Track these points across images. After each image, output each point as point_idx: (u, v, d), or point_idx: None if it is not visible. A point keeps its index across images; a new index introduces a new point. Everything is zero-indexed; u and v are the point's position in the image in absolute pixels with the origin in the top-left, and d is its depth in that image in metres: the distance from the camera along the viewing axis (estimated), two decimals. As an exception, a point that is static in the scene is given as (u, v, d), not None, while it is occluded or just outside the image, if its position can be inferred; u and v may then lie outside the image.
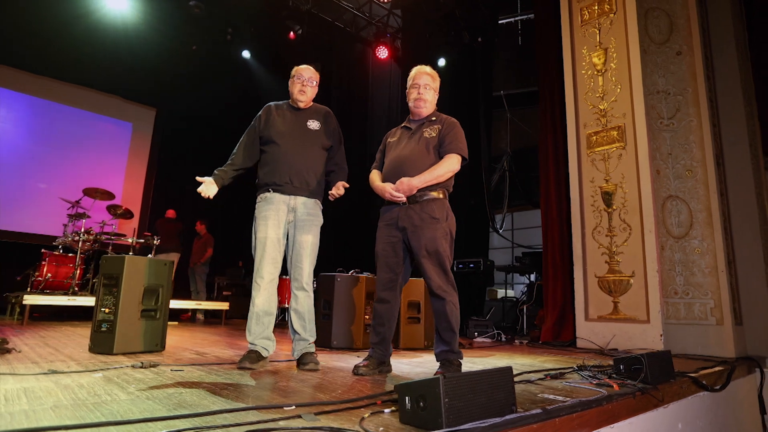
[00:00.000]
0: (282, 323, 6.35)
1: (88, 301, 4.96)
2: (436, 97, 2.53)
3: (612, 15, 4.81)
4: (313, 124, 2.70)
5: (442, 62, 7.89)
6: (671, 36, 4.73)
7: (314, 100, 2.87)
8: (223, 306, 6.70)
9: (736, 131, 4.70)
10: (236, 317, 7.61)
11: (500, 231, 8.96)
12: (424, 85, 2.48)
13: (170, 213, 7.59)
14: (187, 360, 2.60)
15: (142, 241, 5.90)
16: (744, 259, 4.42)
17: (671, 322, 4.16)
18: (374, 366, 2.30)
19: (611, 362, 2.87)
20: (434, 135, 2.40)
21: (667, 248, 4.35)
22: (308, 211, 2.61)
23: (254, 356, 2.42)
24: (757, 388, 3.83)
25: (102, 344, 2.67)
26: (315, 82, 2.76)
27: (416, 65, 2.55)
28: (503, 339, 5.34)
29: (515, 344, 4.92)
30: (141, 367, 2.18)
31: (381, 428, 1.26)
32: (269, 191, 2.58)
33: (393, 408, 1.46)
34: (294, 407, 1.45)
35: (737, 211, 4.52)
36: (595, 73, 4.87)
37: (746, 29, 5.20)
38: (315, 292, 2.90)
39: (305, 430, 1.21)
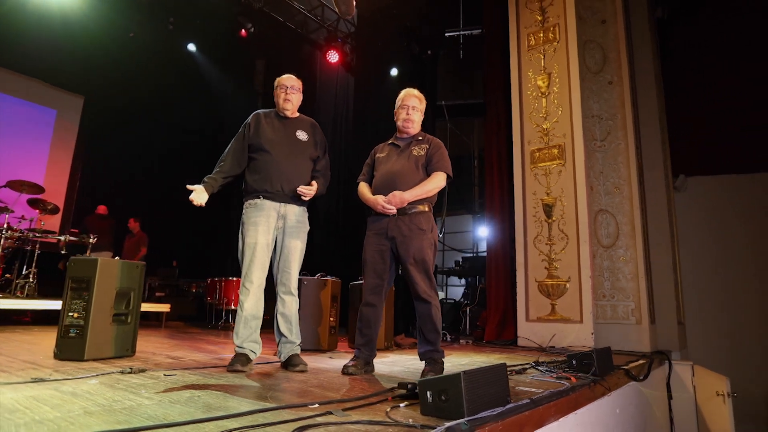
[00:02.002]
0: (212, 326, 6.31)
1: (13, 303, 4.66)
2: (422, 118, 2.78)
3: (555, 43, 5.31)
4: (302, 135, 2.80)
5: (394, 72, 8.17)
6: (604, 67, 5.33)
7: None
8: (164, 308, 6.50)
9: (654, 155, 5.39)
10: (176, 319, 7.36)
11: (440, 236, 9.42)
12: (412, 107, 2.72)
13: (101, 209, 7.19)
14: (168, 365, 2.60)
15: (76, 239, 5.58)
16: (658, 266, 5.10)
17: (600, 322, 4.72)
18: (361, 366, 2.49)
19: (558, 358, 3.28)
20: (422, 153, 2.64)
21: (598, 256, 4.91)
22: (297, 219, 2.72)
23: (244, 359, 2.50)
24: (666, 378, 4.45)
25: (70, 350, 2.58)
26: (298, 90, 2.86)
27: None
28: (448, 339, 5.69)
29: (461, 343, 5.28)
30: (131, 373, 2.17)
31: (410, 419, 1.46)
32: (259, 198, 2.65)
33: (407, 402, 1.65)
34: (317, 405, 1.60)
35: (654, 225, 5.20)
36: (540, 94, 5.35)
37: (661, 67, 5.95)
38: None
39: (352, 423, 1.38)
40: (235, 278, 6.32)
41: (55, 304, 5.08)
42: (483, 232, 8.98)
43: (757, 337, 5.55)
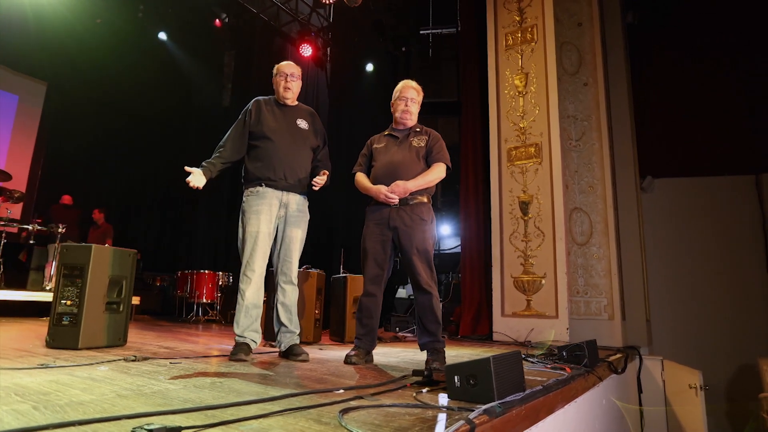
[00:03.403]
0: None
1: None
2: (419, 110, 2.74)
3: (533, 44, 5.38)
4: (302, 123, 2.76)
5: (370, 68, 8.11)
6: (580, 68, 5.44)
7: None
8: (134, 300, 6.25)
9: (626, 156, 5.55)
10: (140, 313, 7.06)
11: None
12: (411, 99, 2.69)
13: (66, 199, 6.86)
14: (167, 354, 2.54)
15: (44, 229, 5.28)
16: (628, 264, 5.25)
17: (574, 318, 4.80)
18: (363, 355, 2.45)
19: (539, 352, 3.30)
20: (422, 145, 2.62)
21: (572, 253, 5.00)
22: (299, 208, 2.68)
23: (246, 348, 2.46)
24: (636, 372, 4.58)
25: (64, 338, 2.50)
26: (298, 77, 2.80)
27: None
28: (423, 334, 5.68)
29: (437, 339, 5.27)
30: (135, 360, 2.10)
31: (443, 404, 1.42)
32: (261, 185, 2.59)
33: (428, 388, 1.63)
34: (342, 391, 1.55)
35: (625, 224, 5.35)
36: (517, 94, 5.41)
37: (631, 70, 6.15)
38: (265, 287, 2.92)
39: (389, 407, 1.36)
40: (206, 271, 6.15)
41: (33, 295, 5.07)
42: (446, 230, 9.02)
43: (721, 334, 5.80)
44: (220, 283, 6.31)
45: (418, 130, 2.71)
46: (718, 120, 6.12)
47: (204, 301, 6.02)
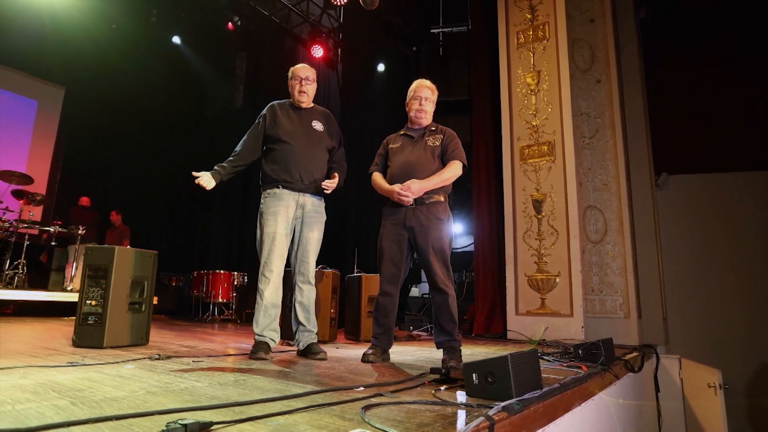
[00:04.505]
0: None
1: (8, 294, 4.51)
2: (434, 109, 2.76)
3: (545, 42, 5.37)
4: (318, 125, 2.80)
5: (381, 68, 8.14)
6: (593, 65, 5.42)
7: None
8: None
9: (640, 153, 5.51)
10: (157, 313, 7.20)
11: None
12: (425, 98, 2.70)
13: (84, 200, 6.99)
14: (188, 353, 2.61)
15: (65, 230, 5.40)
16: (644, 262, 5.21)
17: (589, 316, 4.79)
18: (379, 354, 2.49)
19: (554, 350, 3.30)
20: (438, 144, 2.63)
21: (587, 251, 4.99)
22: (315, 209, 2.73)
23: (265, 347, 2.51)
24: (653, 370, 4.55)
25: (90, 338, 2.59)
26: (313, 80, 2.84)
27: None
28: (437, 333, 5.70)
29: (451, 337, 5.28)
30: (159, 359, 2.16)
31: (462, 401, 1.45)
32: (278, 187, 2.64)
33: (446, 386, 1.65)
34: (362, 388, 1.59)
35: (640, 221, 5.31)
36: (529, 92, 5.40)
37: (644, 66, 6.09)
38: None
39: (410, 403, 1.39)
40: (222, 271, 6.24)
41: (54, 296, 5.20)
42: (458, 229, 9.02)
43: (738, 333, 5.74)
44: (236, 282, 6.39)
45: (433, 129, 2.72)
46: (733, 115, 6.04)
47: (220, 300, 6.10)
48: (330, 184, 2.68)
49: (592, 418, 2.10)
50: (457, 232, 9.09)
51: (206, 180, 2.55)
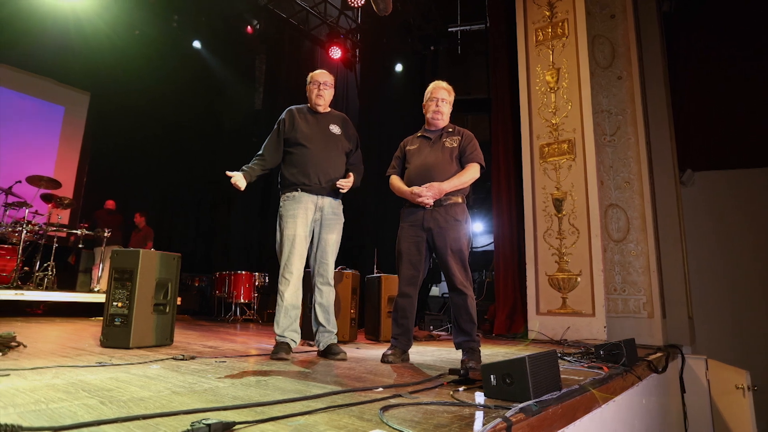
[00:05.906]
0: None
1: (39, 295, 4.65)
2: (450, 110, 2.76)
3: (564, 39, 5.30)
4: (335, 129, 2.85)
5: (399, 68, 8.15)
6: (614, 62, 5.33)
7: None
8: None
9: (663, 150, 5.40)
10: (180, 313, 7.35)
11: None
12: (441, 99, 2.72)
13: (110, 204, 7.18)
14: (211, 353, 2.67)
15: (91, 233, 5.57)
16: (668, 261, 5.11)
17: (611, 315, 4.72)
18: (399, 355, 2.51)
19: (576, 350, 3.27)
20: (455, 145, 2.64)
21: (608, 250, 4.92)
22: (334, 211, 2.77)
23: (286, 347, 2.56)
24: (679, 371, 4.47)
25: (116, 338, 2.67)
26: (330, 86, 2.89)
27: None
28: (457, 333, 5.68)
29: (471, 337, 5.27)
30: (183, 360, 2.21)
31: (479, 402, 1.46)
32: (297, 190, 2.69)
33: (464, 387, 1.66)
34: (381, 389, 1.61)
35: (663, 219, 5.21)
36: (548, 90, 5.34)
37: (667, 61, 5.97)
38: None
39: (428, 404, 1.41)
40: (243, 272, 6.34)
41: (82, 296, 5.36)
42: (478, 228, 8.97)
43: (765, 333, 5.59)
44: (257, 283, 6.49)
45: (450, 130, 2.73)
46: (760, 110, 5.87)
47: (241, 301, 6.20)
48: (345, 183, 2.72)
49: (614, 419, 2.08)
50: (477, 231, 9.04)
51: (239, 179, 2.61)
